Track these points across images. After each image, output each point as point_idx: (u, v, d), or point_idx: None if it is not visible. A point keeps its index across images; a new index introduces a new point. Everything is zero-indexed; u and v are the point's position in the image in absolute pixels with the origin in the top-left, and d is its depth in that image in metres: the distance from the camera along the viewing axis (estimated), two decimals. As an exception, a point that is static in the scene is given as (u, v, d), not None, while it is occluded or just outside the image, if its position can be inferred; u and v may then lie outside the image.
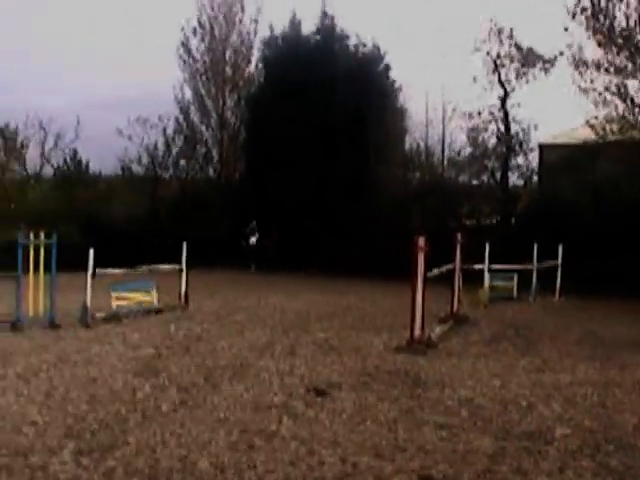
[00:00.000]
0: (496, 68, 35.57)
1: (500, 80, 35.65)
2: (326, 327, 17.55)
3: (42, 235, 17.53)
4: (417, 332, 14.73)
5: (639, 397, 11.09)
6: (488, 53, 35.45)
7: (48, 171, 47.06)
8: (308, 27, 38.70)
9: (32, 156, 46.03)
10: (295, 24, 38.85)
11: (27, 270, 17.16)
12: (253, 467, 7.60)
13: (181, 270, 20.97)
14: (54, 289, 17.54)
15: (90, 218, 37.33)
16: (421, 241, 14.77)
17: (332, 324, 18.12)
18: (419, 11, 67.36)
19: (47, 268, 17.37)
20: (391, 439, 8.59)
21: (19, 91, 64.62)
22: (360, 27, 54.27)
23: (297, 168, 34.42)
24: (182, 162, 43.42)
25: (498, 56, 35.48)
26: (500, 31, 35.21)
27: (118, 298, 18.85)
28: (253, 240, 32.44)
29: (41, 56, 74.74)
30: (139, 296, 19.57)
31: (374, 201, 34.01)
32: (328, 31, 38.09)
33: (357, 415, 9.60)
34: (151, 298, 19.80)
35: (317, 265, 31.87)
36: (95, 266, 18.16)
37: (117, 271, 19.73)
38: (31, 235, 17.52)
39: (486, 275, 23.62)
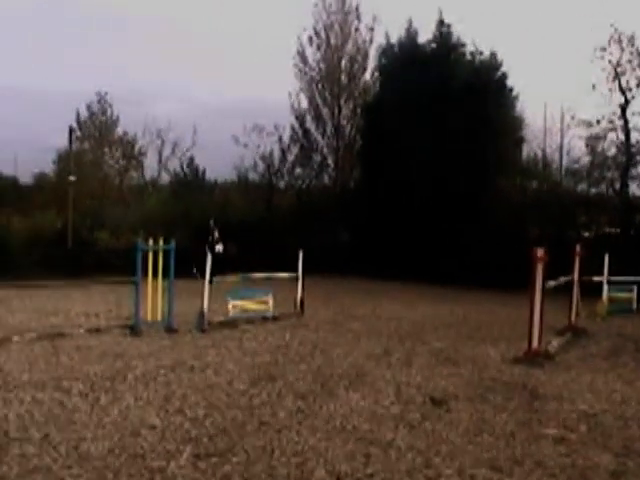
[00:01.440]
0: (616, 75, 34.89)
1: (620, 87, 34.96)
2: (442, 337, 17.46)
3: (161, 241, 17.84)
4: (534, 344, 14.55)
5: None
6: (609, 60, 34.82)
7: (165, 178, 47.91)
8: (424, 35, 38.63)
9: (150, 163, 46.89)
10: (411, 32, 38.77)
11: (146, 275, 17.48)
12: (370, 477, 7.61)
13: (297, 277, 21.09)
14: (172, 294, 17.84)
15: (205, 225, 37.69)
16: (540, 252, 14.58)
17: (448, 334, 18.01)
18: (537, 18, 66.37)
19: (165, 274, 17.66)
20: (508, 452, 8.50)
21: (137, 99, 65.87)
22: (477, 35, 53.79)
23: (412, 177, 34.32)
24: (298, 170, 43.69)
25: (618, 63, 34.82)
26: (621, 37, 34.56)
27: (234, 304, 19.05)
28: (219, 248, 31.89)
29: (158, 65, 76.07)
30: (255, 303, 19.74)
31: (490, 210, 33.67)
32: (444, 39, 37.91)
33: (474, 427, 9.53)
34: (267, 305, 19.95)
35: (432, 274, 31.70)
36: (212, 273, 18.43)
37: (233, 278, 19.95)
38: (150, 241, 17.84)
39: (605, 287, 23.21)
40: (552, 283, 16.10)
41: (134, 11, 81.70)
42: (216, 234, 31.52)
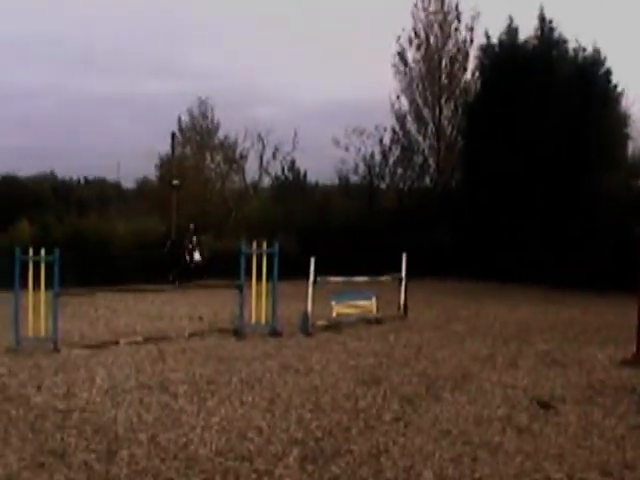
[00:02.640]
0: None
1: None
2: (548, 339, 17.24)
3: (264, 244, 17.97)
4: (644, 346, 14.28)
5: None
6: None
7: (266, 181, 48.21)
8: (525, 33, 38.13)
9: (251, 167, 47.20)
10: (512, 30, 38.30)
11: (249, 279, 17.63)
12: (478, 480, 7.56)
13: (400, 280, 21.01)
14: (275, 298, 17.94)
15: (307, 227, 37.84)
16: (647, 252, 14.31)
17: (554, 336, 17.77)
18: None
19: (268, 276, 17.77)
20: (619, 457, 8.34)
21: (237, 103, 66.50)
22: (580, 31, 52.99)
23: (514, 177, 33.93)
24: (399, 171, 43.50)
25: None
26: None
27: (338, 307, 19.08)
28: (197, 257, 31.38)
29: (258, 69, 76.71)
30: (359, 305, 19.74)
31: (595, 209, 33.08)
32: (546, 36, 37.35)
33: (583, 430, 9.39)
34: (371, 307, 19.94)
35: (535, 275, 31.30)
36: (315, 274, 18.49)
37: (337, 280, 19.98)
38: (253, 244, 17.99)
39: None
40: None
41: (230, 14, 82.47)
42: (194, 239, 31.54)
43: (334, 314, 18.94)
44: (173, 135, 43.27)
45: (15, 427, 9.32)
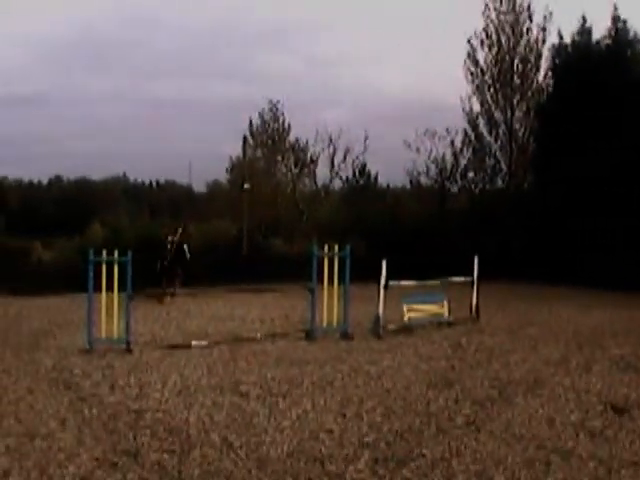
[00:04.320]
0: None
1: None
2: (622, 343, 17.00)
3: (336, 247, 17.99)
4: None
5: None
6: None
7: (337, 184, 48.24)
8: (599, 32, 37.71)
9: (322, 170, 47.25)
10: (585, 30, 37.89)
11: (320, 282, 17.66)
12: (552, 485, 7.50)
13: (472, 283, 20.88)
14: (347, 301, 17.96)
15: (379, 230, 37.81)
16: None
17: (628, 340, 17.51)
18: None
19: (339, 279, 17.79)
20: (697, 464, 8.22)
21: (306, 106, 66.73)
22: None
23: (588, 179, 33.54)
24: (470, 174, 43.30)
25: None
26: None
27: (410, 310, 19.05)
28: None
29: (329, 71, 76.97)
30: (430, 308, 19.68)
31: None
32: (620, 35, 36.90)
33: (659, 436, 9.25)
34: (442, 310, 19.86)
35: (607, 279, 30.90)
36: (387, 278, 18.47)
37: (408, 283, 19.92)
38: (325, 247, 18.01)
39: None
40: None
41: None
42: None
43: (405, 317, 18.90)
44: (244, 138, 43.57)
45: (89, 427, 9.46)
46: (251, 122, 48.05)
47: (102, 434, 9.11)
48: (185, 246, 26.79)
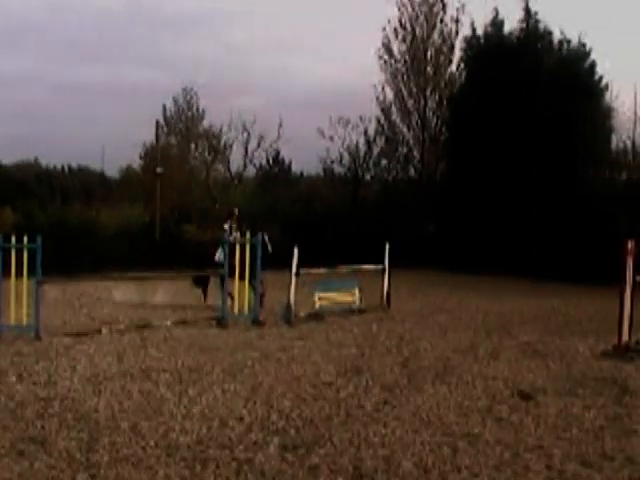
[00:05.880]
0: None
1: None
2: (530, 330, 17.30)
3: (247, 234, 17.96)
4: (624, 338, 14.34)
5: None
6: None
7: (251, 171, 48.14)
8: (510, 25, 38.19)
9: (236, 157, 47.11)
10: (497, 22, 38.36)
11: (232, 268, 17.62)
12: (457, 469, 7.59)
13: (383, 270, 21.04)
14: (258, 287, 17.96)
15: (292, 218, 37.88)
16: (630, 244, 14.36)
17: (536, 327, 17.83)
18: (628, 3, 64.97)
19: (251, 266, 17.77)
20: (598, 447, 8.40)
21: (221, 92, 66.33)
22: (564, 23, 53.10)
23: (499, 169, 34.01)
24: (383, 162, 43.52)
25: None
26: None
27: (321, 297, 19.11)
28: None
29: (243, 57, 76.60)
30: (342, 295, 19.77)
31: (579, 202, 33.18)
32: (531, 28, 37.42)
33: (562, 421, 9.44)
34: (353, 298, 19.97)
35: (518, 267, 31.38)
36: (298, 265, 18.51)
37: (320, 270, 19.99)
38: (237, 234, 17.97)
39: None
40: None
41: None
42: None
43: (317, 304, 18.96)
44: (157, 124, 43.23)
45: (-5, 415, 9.31)
46: (165, 108, 47.74)
47: (9, 422, 8.96)
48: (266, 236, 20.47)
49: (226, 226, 20.31)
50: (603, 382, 11.86)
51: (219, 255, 19.61)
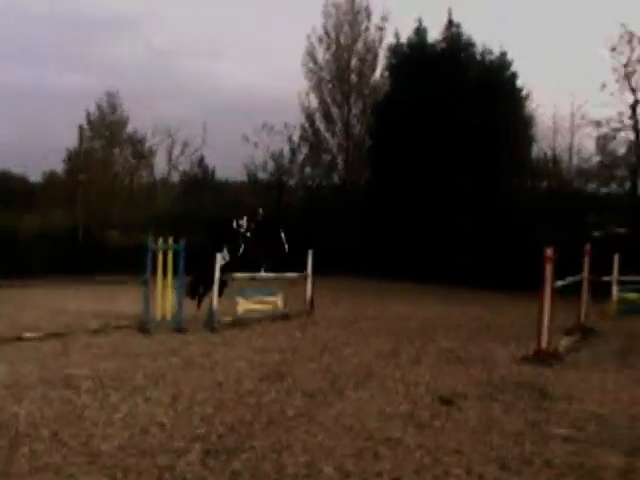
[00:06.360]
0: (627, 75, 34.94)
1: (630, 86, 35.00)
2: (452, 337, 17.47)
3: (170, 240, 17.88)
4: (544, 344, 14.54)
5: None
6: (619, 59, 34.88)
7: (175, 177, 47.99)
8: (434, 35, 38.67)
9: (160, 162, 46.94)
10: (421, 32, 38.79)
11: (155, 274, 17.54)
12: (378, 475, 7.61)
13: (307, 277, 21.12)
14: (181, 294, 17.89)
15: (216, 223, 37.79)
16: (549, 251, 14.58)
17: (458, 334, 18.01)
18: (547, 17, 66.23)
19: (174, 272, 17.71)
20: (517, 452, 8.49)
21: (148, 97, 65.91)
22: (486, 35, 53.95)
23: (423, 177, 34.34)
24: (307, 169, 43.74)
25: (629, 61, 34.86)
26: (631, 37, 34.60)
27: (244, 303, 19.10)
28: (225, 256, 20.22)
29: (167, 61, 76.22)
30: (265, 301, 19.79)
31: (501, 210, 33.64)
32: (454, 39, 37.95)
33: (482, 426, 9.52)
34: (277, 304, 20.00)
35: (442, 274, 31.71)
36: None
37: (244, 276, 19.97)
38: (159, 240, 17.88)
39: (614, 287, 23.20)
40: (561, 283, 16.08)
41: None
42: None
43: (240, 310, 18.95)
44: (80, 128, 42.83)
45: None
46: (89, 112, 47.33)
47: None
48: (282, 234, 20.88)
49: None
50: (523, 387, 11.99)
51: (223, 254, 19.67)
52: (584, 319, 18.82)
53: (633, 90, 34.96)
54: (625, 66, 34.87)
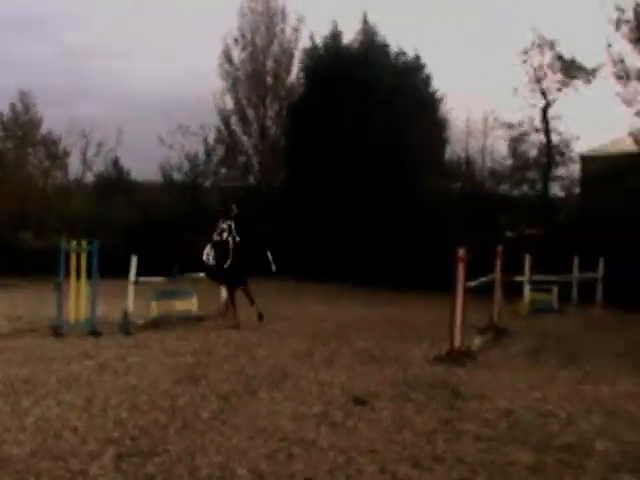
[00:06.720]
0: (537, 78, 35.55)
1: (541, 90, 35.61)
2: (366, 337, 17.56)
3: (84, 242, 17.69)
4: (457, 343, 14.70)
5: (680, 410, 11.01)
6: (530, 63, 35.48)
7: (90, 179, 47.52)
8: (349, 37, 38.88)
9: (74, 163, 46.44)
10: (336, 34, 38.96)
11: (69, 277, 17.33)
12: (292, 476, 7.63)
13: (222, 278, 21.06)
14: (95, 296, 17.69)
15: (131, 225, 37.60)
16: (461, 252, 14.74)
17: (372, 334, 18.11)
18: (461, 21, 67.15)
19: (88, 275, 17.52)
20: (429, 450, 8.58)
21: (62, 98, 65.12)
22: (401, 37, 54.47)
23: (338, 178, 34.46)
24: (223, 170, 43.66)
25: (540, 66, 35.47)
26: (542, 42, 35.21)
27: (159, 305, 19.00)
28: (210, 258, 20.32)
29: (83, 62, 75.37)
30: (180, 304, 19.70)
31: (415, 211, 33.93)
32: (369, 41, 38.18)
33: (395, 425, 9.60)
34: (192, 306, 19.92)
35: (357, 276, 31.86)
36: (136, 273, 18.35)
37: (158, 278, 19.85)
38: (73, 242, 17.67)
39: (526, 287, 23.57)
40: (474, 283, 16.27)
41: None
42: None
43: (154, 313, 18.83)
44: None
45: None
46: (1, 112, 46.58)
47: None
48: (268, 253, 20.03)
49: (224, 225, 19.94)
50: (436, 386, 12.11)
51: (208, 256, 19.47)
52: (497, 319, 19.05)
53: (544, 94, 35.56)
54: (536, 70, 35.46)
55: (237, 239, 19.87)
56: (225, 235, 20.03)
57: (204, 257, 19.66)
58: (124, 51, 78.88)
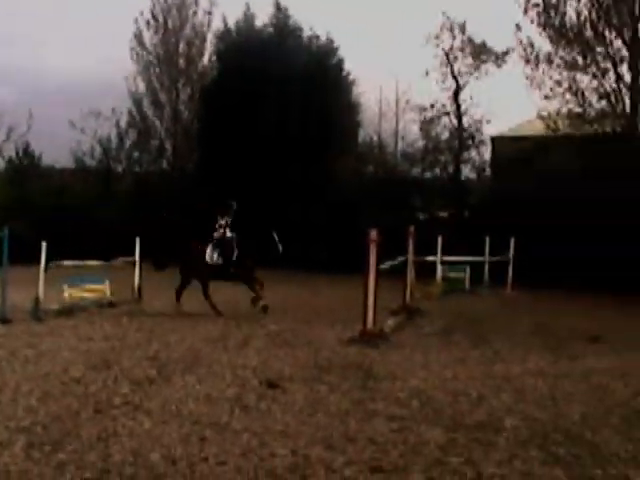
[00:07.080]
0: (448, 61, 35.92)
1: (453, 73, 36.00)
2: (279, 320, 17.61)
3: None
4: (369, 325, 14.80)
5: (588, 388, 11.24)
6: (441, 46, 35.84)
7: (0, 164, 46.70)
8: (262, 20, 38.77)
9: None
10: (249, 17, 38.86)
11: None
12: (205, 459, 7.61)
13: (134, 264, 20.93)
14: (5, 283, 17.40)
15: (43, 211, 37.12)
16: (373, 233, 14.83)
17: (286, 317, 18.20)
18: (372, 4, 67.31)
19: (-1, 262, 17.27)
20: (342, 431, 8.63)
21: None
22: (314, 20, 54.37)
23: (250, 162, 34.38)
24: (135, 155, 43.30)
25: (451, 49, 35.84)
26: (453, 25, 35.59)
27: (71, 291, 18.78)
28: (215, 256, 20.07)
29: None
30: (92, 289, 19.52)
31: (328, 194, 34.06)
32: (281, 24, 38.15)
33: (308, 407, 9.64)
34: (104, 291, 19.76)
35: (266, 260, 31.87)
36: (48, 260, 18.11)
37: (70, 264, 19.62)
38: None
39: (438, 267, 23.82)
40: (387, 264, 16.39)
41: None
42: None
43: (66, 299, 18.61)
44: None
45: None
46: None
47: None
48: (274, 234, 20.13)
49: (222, 222, 19.73)
50: (349, 368, 12.20)
51: (211, 254, 19.15)
52: (409, 300, 19.24)
53: (455, 77, 35.94)
54: (447, 54, 35.81)
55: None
56: (224, 231, 20.61)
57: (207, 258, 19.26)
58: (33, 35, 77.43)
